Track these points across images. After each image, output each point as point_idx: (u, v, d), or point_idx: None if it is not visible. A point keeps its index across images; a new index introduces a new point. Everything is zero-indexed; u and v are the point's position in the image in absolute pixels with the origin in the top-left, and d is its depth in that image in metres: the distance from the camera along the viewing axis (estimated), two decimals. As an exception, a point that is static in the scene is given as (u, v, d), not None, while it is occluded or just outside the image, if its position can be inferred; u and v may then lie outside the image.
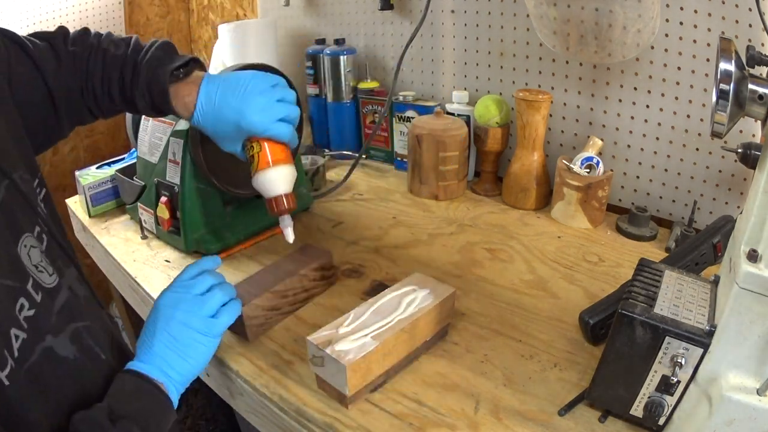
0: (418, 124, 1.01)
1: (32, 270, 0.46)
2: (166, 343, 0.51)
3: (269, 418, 0.59)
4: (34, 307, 0.45)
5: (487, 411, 0.54)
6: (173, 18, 1.78)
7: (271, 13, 1.47)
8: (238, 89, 0.60)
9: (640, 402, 0.49)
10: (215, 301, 0.55)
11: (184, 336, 0.52)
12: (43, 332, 0.45)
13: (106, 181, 1.00)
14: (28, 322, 0.43)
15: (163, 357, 0.51)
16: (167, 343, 0.51)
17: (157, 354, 0.51)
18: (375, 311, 0.59)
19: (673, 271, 0.52)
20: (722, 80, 0.42)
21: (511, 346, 0.63)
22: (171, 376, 0.51)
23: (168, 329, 0.52)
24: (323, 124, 1.29)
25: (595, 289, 0.74)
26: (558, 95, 0.99)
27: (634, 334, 0.46)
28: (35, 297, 0.45)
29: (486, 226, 0.93)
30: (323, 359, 0.53)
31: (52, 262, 0.50)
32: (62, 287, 0.50)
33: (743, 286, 0.39)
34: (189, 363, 0.52)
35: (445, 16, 1.10)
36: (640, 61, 0.86)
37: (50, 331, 0.46)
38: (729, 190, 0.84)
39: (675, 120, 0.86)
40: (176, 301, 0.54)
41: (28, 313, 0.44)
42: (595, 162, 0.90)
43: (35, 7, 1.37)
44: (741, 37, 0.75)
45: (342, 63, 1.19)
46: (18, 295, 0.43)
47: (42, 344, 0.44)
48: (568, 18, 0.82)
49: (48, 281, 0.48)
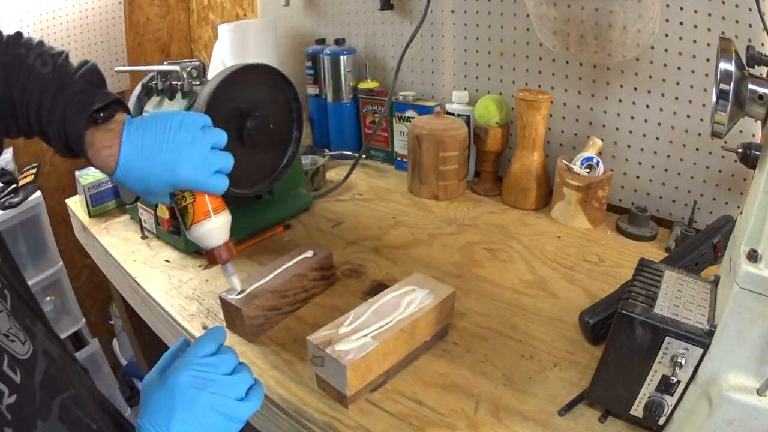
0: (418, 124, 1.01)
1: (3, 342, 0.39)
2: (189, 429, 0.45)
3: (269, 418, 0.59)
4: (15, 392, 0.37)
5: (487, 411, 0.54)
6: (173, 18, 1.78)
7: (271, 13, 1.47)
8: (166, 141, 0.52)
9: (640, 402, 0.49)
10: (245, 383, 0.49)
11: (210, 422, 0.46)
12: (31, 420, 0.39)
13: (106, 181, 1.00)
14: (12, 412, 0.36)
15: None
16: (191, 430, 0.45)
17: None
18: (375, 311, 0.59)
19: (673, 271, 0.52)
20: (722, 80, 0.42)
21: (511, 346, 0.63)
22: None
23: (192, 415, 0.45)
24: (323, 124, 1.29)
25: (595, 289, 0.74)
26: (558, 95, 0.99)
27: (634, 334, 0.46)
28: (14, 378, 0.38)
29: (486, 226, 0.93)
30: (323, 359, 0.53)
31: (21, 323, 0.42)
32: (38, 354, 0.42)
33: (743, 286, 0.39)
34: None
35: (445, 16, 1.10)
36: (640, 61, 0.86)
37: (39, 416, 0.39)
38: (729, 190, 0.84)
39: (675, 120, 0.86)
40: (202, 382, 0.47)
41: (9, 400, 0.37)
42: (595, 162, 0.90)
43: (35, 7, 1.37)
44: (741, 37, 0.75)
45: (342, 63, 1.19)
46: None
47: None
48: (568, 18, 0.82)
49: (22, 351, 0.41)
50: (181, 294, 0.75)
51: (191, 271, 0.81)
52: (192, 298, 0.74)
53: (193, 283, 0.78)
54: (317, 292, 0.73)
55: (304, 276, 0.70)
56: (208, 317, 0.70)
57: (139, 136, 0.52)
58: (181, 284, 0.78)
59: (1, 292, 0.43)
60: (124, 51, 1.64)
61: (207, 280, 0.78)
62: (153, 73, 0.87)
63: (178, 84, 0.82)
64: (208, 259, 0.60)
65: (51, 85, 0.53)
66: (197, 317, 0.71)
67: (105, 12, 1.55)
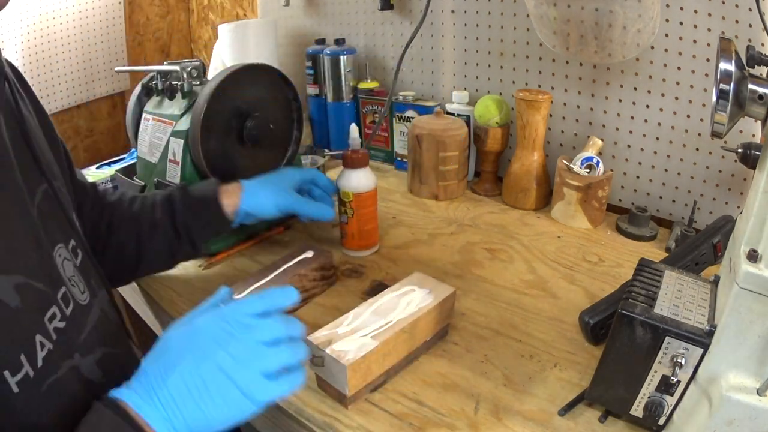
0: (418, 124, 1.01)
1: (66, 280, 0.43)
2: (189, 385, 0.38)
3: (269, 418, 0.59)
4: (65, 320, 0.41)
5: (487, 411, 0.54)
6: (173, 18, 1.78)
7: (271, 13, 1.47)
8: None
9: (640, 402, 0.49)
10: (280, 359, 0.41)
11: (217, 386, 0.38)
12: (72, 349, 0.42)
13: (106, 181, 1.00)
14: (58, 334, 0.40)
15: (177, 402, 0.37)
16: (191, 387, 0.38)
17: (171, 395, 0.37)
18: (375, 311, 0.59)
19: (673, 271, 0.52)
20: (722, 80, 0.42)
21: (511, 346, 0.63)
22: (176, 429, 0.37)
23: (199, 368, 0.38)
24: (323, 124, 1.29)
25: (595, 289, 0.74)
26: (558, 95, 0.99)
27: (634, 334, 0.46)
28: (65, 310, 0.42)
29: (486, 226, 0.93)
30: (323, 359, 0.53)
31: (86, 280, 0.46)
32: (93, 306, 0.46)
33: (743, 286, 0.39)
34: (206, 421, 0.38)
35: (445, 16, 1.10)
36: (640, 61, 0.86)
37: (79, 350, 0.42)
38: (729, 190, 0.84)
39: (675, 120, 0.86)
40: (226, 337, 0.40)
41: (58, 324, 0.40)
42: (595, 162, 0.90)
43: (35, 7, 1.37)
44: (741, 37, 0.75)
45: (342, 63, 1.19)
46: (49, 301, 0.40)
47: (70, 361, 0.41)
48: (568, 18, 0.82)
49: (80, 298, 0.44)
50: (181, 294, 0.75)
51: (191, 271, 0.81)
52: (192, 299, 0.74)
53: (193, 283, 0.78)
54: (317, 293, 0.73)
55: (304, 276, 0.70)
56: (208, 317, 0.70)
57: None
58: (182, 284, 0.78)
59: (74, 250, 0.46)
60: (124, 51, 1.64)
61: (207, 280, 0.78)
62: (153, 73, 0.87)
63: (178, 84, 0.82)
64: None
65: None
66: (197, 317, 0.71)
67: (105, 12, 1.55)
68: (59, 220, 0.46)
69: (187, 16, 1.82)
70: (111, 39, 1.59)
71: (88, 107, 1.59)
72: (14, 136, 0.43)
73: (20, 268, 0.39)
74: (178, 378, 0.38)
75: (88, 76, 1.55)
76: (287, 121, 0.88)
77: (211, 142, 0.78)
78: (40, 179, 0.45)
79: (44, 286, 0.40)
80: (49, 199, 0.45)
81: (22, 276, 0.38)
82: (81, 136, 1.60)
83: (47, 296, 0.40)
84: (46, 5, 1.40)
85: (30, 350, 0.37)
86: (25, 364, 0.37)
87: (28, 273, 0.39)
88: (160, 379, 0.38)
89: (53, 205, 0.46)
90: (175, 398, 0.38)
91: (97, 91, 1.59)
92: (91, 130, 1.62)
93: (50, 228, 0.44)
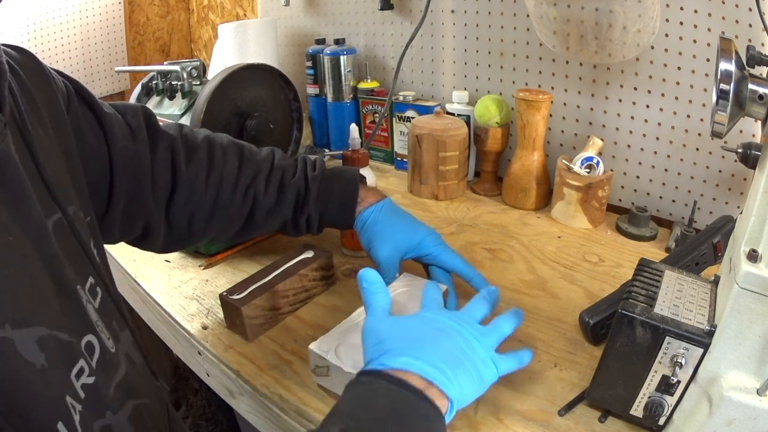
0: (418, 124, 1.01)
1: (90, 326, 0.39)
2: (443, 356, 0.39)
3: (269, 418, 0.59)
4: (93, 374, 0.36)
5: (487, 411, 0.54)
6: (173, 18, 1.78)
7: (271, 13, 1.47)
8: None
9: (640, 402, 0.49)
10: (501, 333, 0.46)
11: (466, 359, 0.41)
12: (103, 407, 0.37)
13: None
14: (87, 392, 0.35)
15: (453, 370, 0.39)
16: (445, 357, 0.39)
17: (444, 362, 0.39)
18: None
19: (673, 271, 0.52)
20: (722, 80, 0.42)
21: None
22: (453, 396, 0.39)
23: (451, 343, 0.41)
24: (323, 124, 1.29)
25: (595, 289, 0.74)
26: (558, 95, 0.99)
27: (634, 334, 0.46)
28: (91, 362, 0.37)
29: (486, 226, 0.93)
30: (328, 369, 0.53)
31: (107, 323, 0.41)
32: (119, 355, 0.42)
33: (743, 286, 0.39)
34: (472, 387, 0.41)
35: (445, 16, 1.10)
36: (640, 61, 0.86)
37: (110, 406, 0.38)
38: (729, 190, 0.84)
39: (675, 120, 0.86)
40: (459, 322, 0.44)
41: (87, 380, 0.36)
42: (595, 162, 0.90)
43: (35, 7, 1.37)
44: (741, 37, 0.75)
45: (342, 63, 1.19)
46: (75, 355, 0.35)
47: (102, 421, 0.37)
48: (568, 18, 0.82)
49: (108, 344, 0.40)
50: (181, 294, 0.75)
51: (191, 271, 0.81)
52: (192, 298, 0.74)
53: (193, 283, 0.78)
54: (317, 293, 0.73)
55: (305, 276, 0.70)
56: (208, 317, 0.70)
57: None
58: (181, 284, 0.78)
59: (93, 289, 0.41)
60: (124, 51, 1.64)
61: (207, 280, 0.78)
62: (153, 73, 0.88)
63: (178, 84, 0.82)
64: None
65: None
66: (197, 317, 0.71)
67: (105, 12, 1.55)
68: (75, 255, 0.40)
69: (187, 16, 1.82)
70: (111, 39, 1.59)
71: (88, 107, 1.59)
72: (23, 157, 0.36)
73: (41, 317, 0.33)
74: (452, 345, 0.41)
75: (88, 76, 1.56)
76: (287, 121, 0.88)
77: (211, 142, 0.78)
78: (53, 208, 0.38)
79: (69, 336, 0.35)
80: (63, 232, 0.39)
81: (45, 327, 0.33)
82: (81, 136, 1.60)
83: (72, 348, 0.36)
84: (46, 5, 1.40)
85: (66, 416, 0.33)
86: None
87: (52, 322, 0.34)
88: (431, 347, 0.39)
89: (68, 239, 0.39)
90: (456, 357, 0.40)
91: (97, 91, 1.59)
92: (91, 130, 1.62)
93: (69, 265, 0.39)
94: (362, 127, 1.23)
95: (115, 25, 1.59)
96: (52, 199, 0.38)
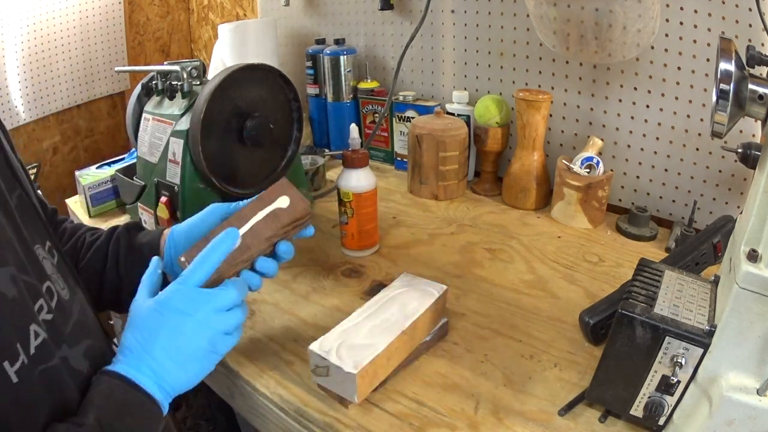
0: (418, 124, 1.01)
1: (48, 276, 0.45)
2: (169, 351, 0.45)
3: (269, 418, 0.59)
4: (51, 312, 0.43)
5: (487, 411, 0.54)
6: (173, 18, 1.78)
7: (271, 13, 1.47)
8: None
9: (640, 402, 0.49)
10: (235, 322, 0.49)
11: (191, 348, 0.47)
12: (61, 340, 0.43)
13: (106, 181, 1.00)
14: (47, 325, 0.42)
15: (163, 366, 0.45)
16: (171, 352, 0.46)
17: (157, 360, 0.45)
18: (371, 315, 0.59)
19: (673, 271, 0.52)
20: (722, 80, 0.42)
21: (511, 346, 0.63)
22: (165, 389, 0.45)
23: (175, 337, 0.46)
24: (323, 124, 1.29)
25: (595, 289, 0.74)
26: (558, 95, 0.99)
27: (634, 334, 0.46)
28: (50, 303, 0.43)
29: (486, 226, 0.93)
30: (328, 369, 0.53)
31: (64, 278, 0.48)
32: (74, 302, 0.48)
33: (743, 286, 0.39)
34: (187, 376, 0.47)
35: (445, 16, 1.10)
36: (640, 61, 0.86)
37: (66, 341, 0.44)
38: (729, 190, 0.84)
39: (675, 120, 0.86)
40: (193, 308, 0.47)
41: (46, 316, 0.42)
42: (595, 162, 0.90)
43: (35, 7, 1.37)
44: (741, 37, 0.75)
45: (342, 63, 1.19)
46: (38, 294, 0.42)
47: (59, 352, 0.42)
48: (568, 18, 0.83)
49: (62, 293, 0.46)
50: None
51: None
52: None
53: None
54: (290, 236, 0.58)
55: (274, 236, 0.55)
56: (208, 317, 0.70)
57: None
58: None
59: (50, 251, 0.48)
60: (124, 51, 1.64)
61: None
62: (153, 73, 0.87)
63: (178, 84, 0.82)
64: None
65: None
66: (197, 317, 0.70)
67: (105, 12, 1.55)
68: (35, 222, 0.47)
69: (187, 16, 1.82)
70: (111, 39, 1.59)
71: (88, 107, 1.59)
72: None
73: (11, 260, 0.40)
74: (160, 348, 0.45)
75: (88, 76, 1.56)
76: (287, 121, 0.88)
77: (211, 142, 0.78)
78: (15, 184, 0.46)
79: (31, 279, 0.41)
80: (24, 203, 0.46)
81: (14, 268, 0.40)
82: (81, 136, 1.60)
83: (36, 289, 0.42)
84: (46, 5, 1.40)
85: (24, 339, 0.39)
86: (21, 353, 0.38)
87: (18, 266, 0.41)
88: (143, 351, 0.45)
89: (28, 209, 0.47)
90: (161, 363, 0.45)
91: (97, 91, 1.59)
92: (91, 130, 1.62)
93: (29, 229, 0.45)
94: (362, 127, 1.23)
95: (115, 25, 1.59)
96: (14, 177, 0.47)
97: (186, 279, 0.49)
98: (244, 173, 0.83)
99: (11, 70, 1.36)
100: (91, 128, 1.62)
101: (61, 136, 1.54)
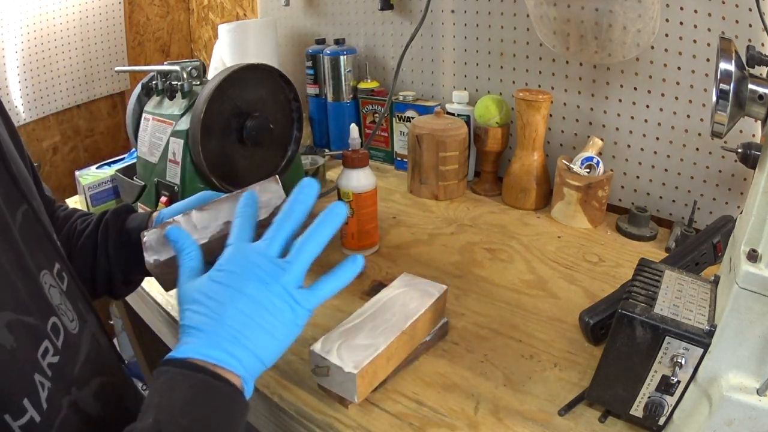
0: (418, 124, 1.01)
1: (54, 309, 0.41)
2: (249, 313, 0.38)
3: (269, 418, 0.59)
4: (58, 354, 0.39)
5: (487, 411, 0.54)
6: (173, 18, 1.78)
7: (271, 13, 1.47)
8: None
9: (640, 402, 0.49)
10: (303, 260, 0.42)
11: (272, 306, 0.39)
12: (69, 383, 0.39)
13: (106, 181, 1.00)
14: (53, 370, 0.38)
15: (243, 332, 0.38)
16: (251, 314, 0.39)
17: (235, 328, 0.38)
18: (372, 315, 0.59)
19: (673, 271, 0.52)
20: (722, 80, 0.42)
21: (511, 346, 0.63)
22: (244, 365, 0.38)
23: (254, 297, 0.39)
24: (323, 124, 1.29)
25: (595, 289, 0.74)
26: (558, 95, 0.99)
27: (634, 334, 0.46)
28: (56, 342, 0.39)
29: (486, 226, 0.93)
30: (328, 368, 0.53)
31: (74, 306, 0.44)
32: (84, 334, 0.44)
33: (743, 286, 0.39)
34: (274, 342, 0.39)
35: (445, 16, 1.10)
36: (640, 61, 0.86)
37: (75, 383, 0.40)
38: (729, 190, 0.84)
39: (675, 120, 0.86)
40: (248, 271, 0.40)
41: (52, 359, 0.38)
42: (595, 162, 0.90)
43: (35, 7, 1.37)
44: (741, 37, 0.75)
45: (342, 63, 1.19)
46: (41, 336, 0.38)
47: (68, 397, 0.39)
48: (568, 18, 0.82)
49: (70, 326, 0.42)
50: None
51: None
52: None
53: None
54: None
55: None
56: (208, 317, 0.70)
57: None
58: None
59: (59, 275, 0.44)
60: (124, 51, 1.64)
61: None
62: (153, 73, 0.87)
63: (178, 84, 0.82)
64: None
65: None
66: (197, 317, 0.70)
67: (105, 12, 1.55)
68: (42, 243, 0.43)
69: (187, 16, 1.82)
70: (111, 39, 1.59)
71: (88, 107, 1.59)
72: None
73: (9, 303, 0.36)
74: (235, 312, 0.38)
75: (88, 76, 1.56)
76: (287, 121, 0.88)
77: (211, 142, 0.78)
78: (20, 200, 0.42)
79: (34, 319, 0.38)
80: (30, 221, 0.42)
81: (12, 312, 0.36)
82: (81, 136, 1.60)
83: (38, 330, 0.38)
84: (46, 5, 1.40)
85: (33, 393, 0.35)
86: (29, 409, 0.34)
87: (18, 308, 0.36)
88: (215, 322, 0.38)
89: (35, 228, 0.42)
90: (240, 330, 0.38)
91: (97, 91, 1.59)
92: (91, 130, 1.62)
93: (34, 253, 0.41)
94: (362, 127, 1.23)
95: (115, 25, 1.59)
96: (18, 191, 0.41)
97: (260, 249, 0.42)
98: (244, 173, 0.83)
99: (11, 70, 1.36)
100: (91, 128, 1.62)
101: (61, 136, 1.54)
